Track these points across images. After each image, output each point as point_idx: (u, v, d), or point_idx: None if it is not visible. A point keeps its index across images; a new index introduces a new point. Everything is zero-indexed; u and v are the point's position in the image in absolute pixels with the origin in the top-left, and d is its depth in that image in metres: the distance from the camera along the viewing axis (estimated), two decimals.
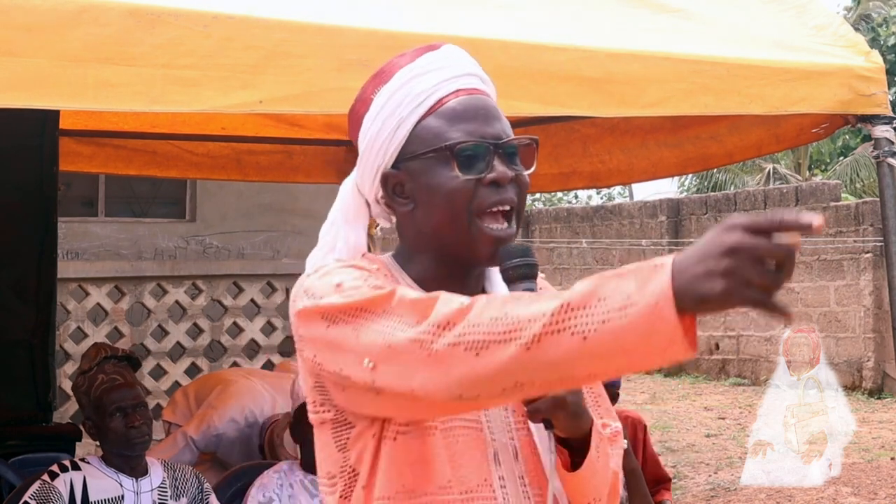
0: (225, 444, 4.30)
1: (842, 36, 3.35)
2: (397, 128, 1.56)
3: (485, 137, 1.54)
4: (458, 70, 1.59)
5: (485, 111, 1.56)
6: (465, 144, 1.52)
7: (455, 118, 1.54)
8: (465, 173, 1.51)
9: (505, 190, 1.53)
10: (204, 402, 4.46)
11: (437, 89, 1.56)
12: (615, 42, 2.92)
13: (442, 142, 1.53)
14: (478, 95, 1.58)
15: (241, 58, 2.34)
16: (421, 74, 1.57)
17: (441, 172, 1.53)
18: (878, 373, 12.45)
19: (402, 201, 1.57)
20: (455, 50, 1.63)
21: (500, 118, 1.58)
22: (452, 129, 1.53)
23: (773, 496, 7.80)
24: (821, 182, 15.01)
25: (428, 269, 1.58)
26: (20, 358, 5.32)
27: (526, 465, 1.54)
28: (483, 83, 1.62)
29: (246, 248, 9.70)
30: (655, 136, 4.16)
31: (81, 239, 9.13)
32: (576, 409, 1.49)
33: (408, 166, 1.56)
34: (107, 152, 5.13)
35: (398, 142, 1.56)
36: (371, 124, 1.58)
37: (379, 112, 1.57)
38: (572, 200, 27.85)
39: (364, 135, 1.60)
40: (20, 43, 2.14)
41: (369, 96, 1.60)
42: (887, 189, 3.32)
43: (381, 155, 1.58)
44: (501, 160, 1.54)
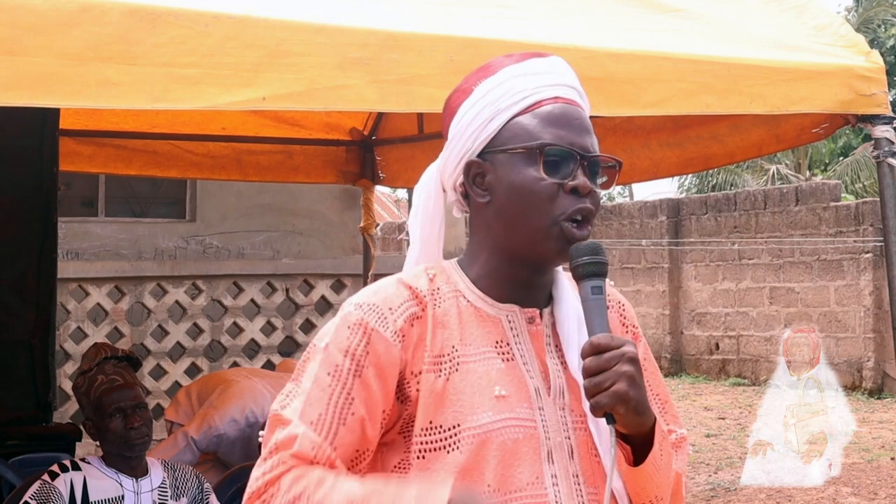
0: (226, 444, 4.30)
1: (842, 36, 3.35)
2: (492, 118, 1.59)
3: (573, 146, 1.57)
4: (561, 79, 1.63)
5: (578, 122, 1.60)
6: (554, 147, 1.55)
7: (549, 121, 1.57)
8: (549, 176, 1.55)
9: (584, 199, 1.56)
10: (205, 403, 4.46)
11: (537, 91, 1.59)
12: (615, 42, 2.92)
13: (533, 140, 1.56)
14: (574, 107, 1.62)
15: (243, 56, 2.34)
16: (525, 75, 1.61)
17: (524, 170, 1.55)
18: (878, 373, 12.46)
19: (479, 192, 1.60)
20: (561, 61, 1.67)
21: (591, 133, 1.61)
22: (545, 131, 1.56)
23: (773, 496, 7.80)
24: (821, 182, 15.02)
25: (491, 270, 1.60)
26: (20, 358, 5.32)
27: (581, 463, 1.56)
28: (580, 98, 1.65)
29: (246, 248, 9.70)
30: (657, 136, 4.16)
31: (81, 239, 9.14)
32: (638, 405, 1.49)
33: (493, 158, 1.58)
34: (107, 152, 5.12)
35: (490, 132, 1.59)
36: (467, 112, 1.61)
37: (477, 101, 1.60)
38: None
39: (457, 122, 1.62)
40: (22, 42, 2.14)
41: (471, 87, 1.63)
42: (887, 189, 3.32)
43: (470, 141, 1.60)
44: (584, 172, 1.57)
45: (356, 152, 5.19)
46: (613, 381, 1.44)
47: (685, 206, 15.36)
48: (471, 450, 1.50)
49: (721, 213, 14.56)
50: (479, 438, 1.50)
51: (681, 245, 15.07)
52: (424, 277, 1.59)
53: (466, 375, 1.52)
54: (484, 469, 1.50)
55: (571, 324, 1.59)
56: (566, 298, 1.62)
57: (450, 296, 1.58)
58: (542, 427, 1.55)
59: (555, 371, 1.59)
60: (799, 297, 13.39)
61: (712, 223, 14.69)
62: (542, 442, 1.54)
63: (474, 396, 1.51)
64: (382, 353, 1.51)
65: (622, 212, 16.36)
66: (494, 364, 1.55)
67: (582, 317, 1.55)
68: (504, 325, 1.59)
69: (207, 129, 4.81)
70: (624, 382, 1.45)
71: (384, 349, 1.52)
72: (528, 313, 1.61)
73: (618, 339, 1.49)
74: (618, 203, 19.91)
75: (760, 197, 14.23)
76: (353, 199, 8.90)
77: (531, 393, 1.56)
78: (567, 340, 1.59)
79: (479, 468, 1.50)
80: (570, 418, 1.57)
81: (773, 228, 13.77)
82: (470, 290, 1.60)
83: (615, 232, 16.05)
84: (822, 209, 13.19)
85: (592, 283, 1.52)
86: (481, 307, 1.59)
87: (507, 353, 1.57)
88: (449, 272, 1.62)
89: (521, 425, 1.53)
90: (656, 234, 15.34)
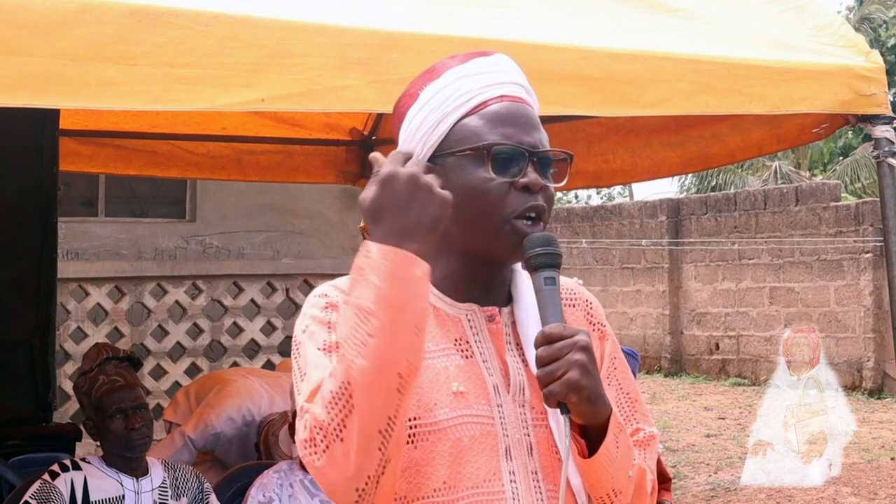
0: (223, 443, 4.30)
1: (842, 36, 3.35)
2: (439, 122, 1.59)
3: (521, 143, 1.57)
4: (505, 77, 1.63)
5: (525, 119, 1.60)
6: (501, 146, 1.55)
7: (496, 121, 1.58)
8: (499, 175, 1.55)
9: (535, 197, 1.56)
10: (202, 402, 4.46)
11: (482, 91, 1.60)
12: (615, 42, 2.92)
13: (480, 141, 1.56)
14: (520, 104, 1.62)
15: (243, 56, 2.34)
16: (469, 76, 1.61)
17: (474, 172, 1.56)
18: (878, 373, 12.46)
19: None
20: (505, 59, 1.67)
21: (539, 129, 1.61)
22: (492, 131, 1.57)
23: (773, 496, 7.80)
24: (821, 182, 15.02)
25: (451, 271, 1.61)
26: (20, 358, 5.32)
27: (541, 460, 1.55)
28: (527, 94, 1.65)
29: (246, 248, 9.69)
30: (659, 136, 4.16)
31: (81, 239, 9.13)
32: (591, 394, 1.48)
33: (444, 162, 1.58)
34: (107, 152, 5.12)
35: (438, 136, 1.59)
36: (414, 117, 1.61)
37: (424, 106, 1.60)
38: (572, 200, 27.86)
39: (406, 127, 1.62)
40: (22, 42, 2.14)
41: (416, 91, 1.63)
42: (887, 189, 3.32)
43: (419, 146, 1.60)
44: (535, 168, 1.57)
45: (356, 152, 5.19)
46: (565, 370, 1.44)
47: (685, 206, 15.36)
48: (424, 445, 1.50)
49: (721, 213, 14.57)
50: (434, 434, 1.51)
51: (681, 245, 15.07)
52: None
53: (425, 371, 1.51)
54: (437, 464, 1.50)
55: (531, 321, 1.59)
56: (525, 296, 1.62)
57: None
58: (501, 424, 1.55)
59: (515, 368, 1.59)
60: (799, 297, 13.39)
61: (712, 223, 14.69)
62: (500, 439, 1.54)
63: (431, 392, 1.52)
64: None
65: (622, 212, 16.36)
66: (453, 360, 1.56)
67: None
68: (464, 323, 1.60)
69: (207, 129, 4.81)
70: (576, 371, 1.45)
71: None
72: (488, 311, 1.61)
73: (570, 329, 1.48)
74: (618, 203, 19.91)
75: (760, 197, 14.23)
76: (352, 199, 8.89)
77: (489, 390, 1.56)
78: (527, 337, 1.59)
79: (432, 463, 1.50)
80: (530, 415, 1.57)
81: (773, 228, 13.77)
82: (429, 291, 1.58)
83: (615, 232, 16.05)
84: (822, 209, 13.19)
85: (545, 273, 1.52)
86: (440, 307, 1.60)
87: (467, 350, 1.58)
88: None
89: (478, 422, 1.53)
90: (656, 234, 15.34)
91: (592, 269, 16.20)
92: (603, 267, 16.10)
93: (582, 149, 4.44)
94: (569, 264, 16.65)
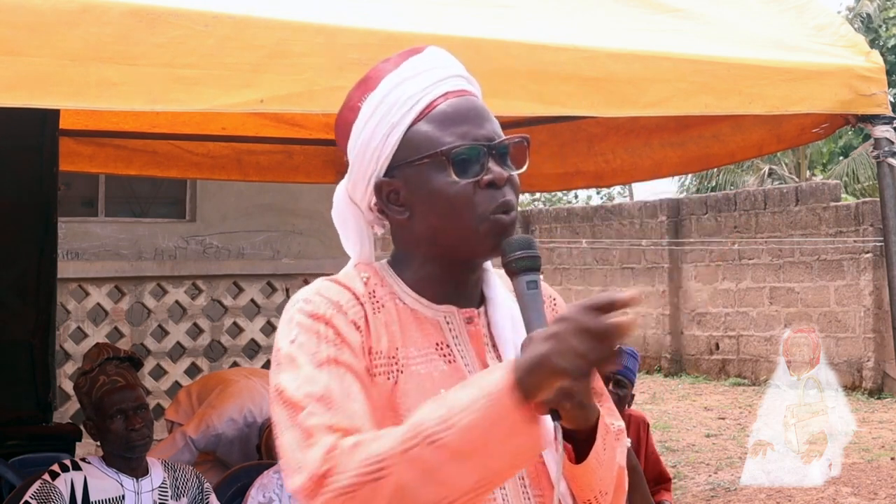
0: (224, 443, 4.30)
1: (842, 36, 3.35)
2: (388, 134, 1.55)
3: (477, 139, 1.53)
4: (445, 73, 1.59)
5: (475, 112, 1.56)
6: (459, 148, 1.52)
7: (447, 122, 1.54)
8: (462, 177, 1.51)
9: (502, 192, 1.54)
10: (204, 402, 4.46)
11: (425, 93, 1.55)
12: (615, 42, 2.92)
13: (436, 147, 1.52)
14: (466, 97, 1.58)
15: (243, 57, 2.34)
16: (408, 79, 1.56)
17: (436, 179, 1.52)
18: (878, 373, 12.45)
19: (397, 209, 1.57)
20: (439, 52, 1.63)
21: (489, 118, 1.58)
22: (445, 134, 1.53)
23: (773, 496, 7.80)
24: (821, 182, 15.02)
25: (424, 272, 1.58)
26: (20, 358, 5.32)
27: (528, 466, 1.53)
28: (469, 83, 1.61)
29: (246, 248, 9.69)
30: (660, 136, 4.16)
31: (81, 239, 9.13)
32: (582, 400, 1.47)
33: (402, 173, 1.55)
34: (107, 152, 5.13)
35: (390, 148, 1.55)
36: (361, 132, 1.57)
37: (368, 119, 1.56)
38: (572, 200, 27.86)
39: (354, 143, 1.58)
40: (22, 42, 2.14)
41: (356, 104, 1.58)
42: (887, 189, 3.32)
43: (373, 162, 1.56)
44: (496, 161, 1.54)
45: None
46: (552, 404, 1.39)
47: (685, 206, 15.35)
48: None
49: (721, 213, 14.56)
50: None
51: (681, 245, 15.07)
52: (358, 280, 1.56)
53: (411, 378, 1.50)
54: None
55: (505, 323, 1.58)
56: (499, 297, 1.61)
57: (386, 299, 1.56)
58: None
59: None
60: (799, 297, 13.39)
61: (712, 223, 14.68)
62: None
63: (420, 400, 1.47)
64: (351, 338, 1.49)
65: (622, 212, 16.36)
66: (437, 366, 1.54)
67: (516, 315, 1.53)
68: (443, 326, 1.57)
69: (207, 129, 4.81)
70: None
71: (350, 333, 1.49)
72: (466, 313, 1.59)
73: None
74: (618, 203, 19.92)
75: (760, 197, 14.23)
76: None
77: None
78: (502, 339, 1.58)
79: None
80: None
81: (773, 228, 13.77)
82: (405, 293, 1.57)
83: (615, 232, 16.04)
84: (822, 209, 13.18)
85: (527, 277, 1.49)
86: (418, 309, 1.57)
87: (448, 355, 1.56)
88: (382, 274, 1.59)
89: None
90: (656, 234, 15.34)
91: (592, 269, 16.20)
92: (603, 267, 16.10)
93: (582, 148, 4.44)
94: (568, 264, 16.65)
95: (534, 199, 27.55)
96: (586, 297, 1.36)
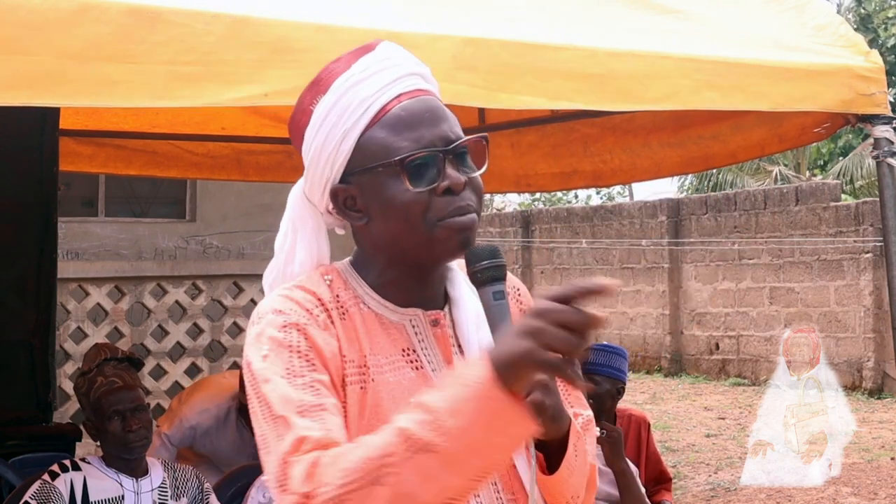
0: (200, 435, 4.26)
1: (842, 36, 3.35)
2: (342, 141, 1.50)
3: (433, 143, 1.48)
4: (398, 72, 1.53)
5: (430, 114, 1.51)
6: (414, 157, 1.47)
7: (400, 126, 1.49)
8: (416, 186, 1.47)
9: (461, 197, 1.49)
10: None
11: (378, 96, 1.50)
12: (616, 42, 2.92)
13: (391, 155, 1.48)
14: (421, 97, 1.52)
15: (244, 54, 2.34)
16: (360, 82, 1.51)
17: (393, 186, 1.48)
18: (878, 373, 12.45)
19: (355, 215, 1.54)
20: (391, 49, 1.57)
21: (446, 118, 1.52)
22: (399, 139, 1.48)
23: (773, 496, 7.80)
24: (821, 182, 15.01)
25: (387, 275, 1.55)
26: (20, 358, 5.32)
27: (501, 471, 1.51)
28: (425, 81, 1.56)
29: (246, 248, 9.69)
30: (658, 136, 4.16)
31: (81, 239, 9.13)
32: (555, 413, 1.46)
33: (358, 180, 1.51)
34: (107, 152, 5.13)
35: (344, 155, 1.51)
36: (314, 137, 1.53)
37: (321, 125, 1.52)
38: (572, 200, 27.84)
39: (308, 148, 1.54)
40: (23, 41, 2.14)
41: (308, 107, 1.54)
42: (887, 189, 3.32)
43: (327, 169, 1.52)
44: (453, 164, 1.49)
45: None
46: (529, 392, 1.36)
47: (685, 206, 15.35)
48: None
49: (721, 213, 14.56)
50: None
51: (681, 245, 15.07)
52: (323, 284, 1.52)
53: (381, 386, 1.47)
54: None
55: (470, 325, 1.55)
56: (463, 297, 1.57)
57: (350, 303, 1.52)
58: None
59: None
60: (799, 297, 13.39)
61: (712, 223, 14.68)
62: None
63: (390, 408, 1.45)
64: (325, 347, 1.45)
65: (622, 212, 16.36)
66: (405, 373, 1.50)
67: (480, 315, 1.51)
68: (408, 330, 1.54)
69: (207, 129, 4.81)
70: (538, 392, 1.38)
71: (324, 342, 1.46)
72: (432, 316, 1.56)
73: None
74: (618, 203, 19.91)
75: (760, 197, 14.23)
76: None
77: None
78: (467, 342, 1.55)
79: None
80: None
81: (773, 228, 13.77)
82: (370, 297, 1.54)
83: (615, 232, 16.04)
84: (822, 209, 13.18)
85: (494, 288, 1.46)
86: (383, 313, 1.53)
87: (416, 360, 1.52)
88: (345, 276, 1.56)
89: None
90: (656, 234, 15.34)
91: (592, 269, 16.20)
92: (603, 267, 16.09)
93: (577, 149, 4.44)
94: (568, 264, 16.65)
95: (534, 199, 27.55)
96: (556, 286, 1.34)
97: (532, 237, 17.51)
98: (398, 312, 1.54)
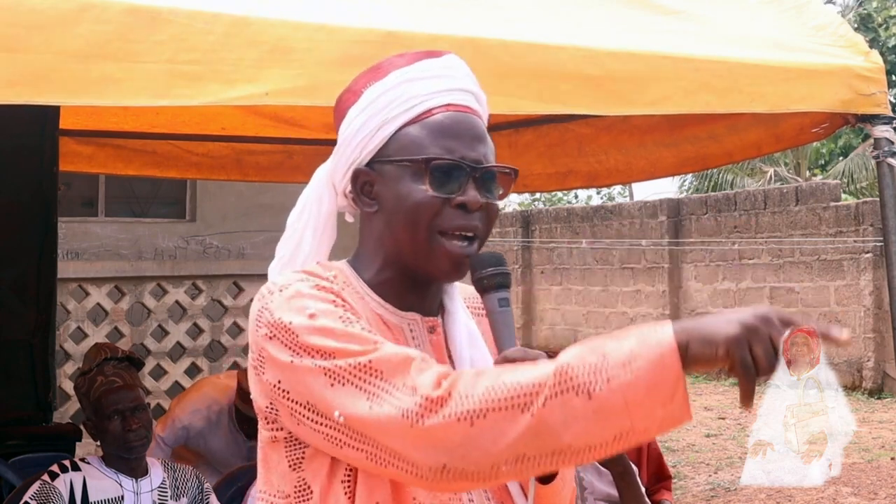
0: (193, 435, 4.30)
1: (841, 36, 3.35)
2: (380, 128, 1.52)
3: (464, 159, 1.50)
4: (454, 83, 1.55)
5: (471, 132, 1.53)
6: (440, 161, 1.49)
7: (439, 132, 1.51)
8: (435, 190, 1.48)
9: (472, 216, 1.50)
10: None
11: (428, 98, 1.52)
12: (615, 42, 2.92)
13: (420, 153, 1.50)
14: (467, 114, 1.54)
15: (245, 53, 2.35)
16: (416, 79, 1.54)
17: (411, 184, 1.49)
18: (878, 373, 12.45)
19: (368, 201, 1.55)
20: (456, 61, 1.59)
21: (484, 141, 1.54)
22: (433, 143, 1.50)
23: (773, 496, 7.80)
24: (821, 182, 15.01)
25: (383, 275, 1.55)
26: (20, 358, 5.32)
27: None
28: (477, 102, 1.58)
29: (246, 248, 9.70)
30: (653, 136, 4.16)
31: (81, 239, 9.13)
32: None
33: (381, 168, 1.53)
34: (107, 152, 5.12)
35: (378, 142, 1.53)
36: (355, 118, 1.55)
37: (366, 108, 1.54)
38: (572, 200, 27.85)
39: (346, 126, 1.56)
40: (23, 39, 2.14)
41: (360, 89, 1.56)
42: (887, 189, 3.32)
43: (357, 150, 1.54)
44: (476, 185, 1.50)
45: None
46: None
47: (685, 206, 15.35)
48: None
49: (721, 213, 14.56)
50: None
51: (681, 245, 15.07)
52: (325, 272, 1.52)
53: None
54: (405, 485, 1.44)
55: (462, 338, 1.55)
56: (457, 310, 1.57)
57: (354, 298, 1.51)
58: None
59: None
60: (799, 297, 13.39)
61: (712, 223, 14.68)
62: None
63: None
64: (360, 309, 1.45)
65: (622, 212, 16.36)
66: None
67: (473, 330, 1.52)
68: (406, 334, 1.54)
69: (207, 129, 4.81)
70: None
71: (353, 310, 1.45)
72: (429, 322, 1.56)
73: (531, 353, 1.44)
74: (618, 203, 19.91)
75: (760, 197, 14.23)
76: None
77: None
78: (459, 356, 1.55)
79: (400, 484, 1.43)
80: None
81: (773, 228, 13.77)
82: (370, 297, 1.54)
83: (615, 232, 16.04)
84: (822, 209, 13.18)
85: (499, 295, 1.47)
86: (382, 314, 1.53)
87: None
88: (346, 274, 1.55)
89: None
90: (656, 234, 15.34)
91: (592, 269, 16.20)
92: (603, 267, 16.09)
93: (572, 149, 4.44)
94: (568, 264, 16.65)
95: (534, 199, 27.55)
96: (792, 310, 1.36)
97: (532, 237, 17.51)
98: (398, 315, 1.55)
